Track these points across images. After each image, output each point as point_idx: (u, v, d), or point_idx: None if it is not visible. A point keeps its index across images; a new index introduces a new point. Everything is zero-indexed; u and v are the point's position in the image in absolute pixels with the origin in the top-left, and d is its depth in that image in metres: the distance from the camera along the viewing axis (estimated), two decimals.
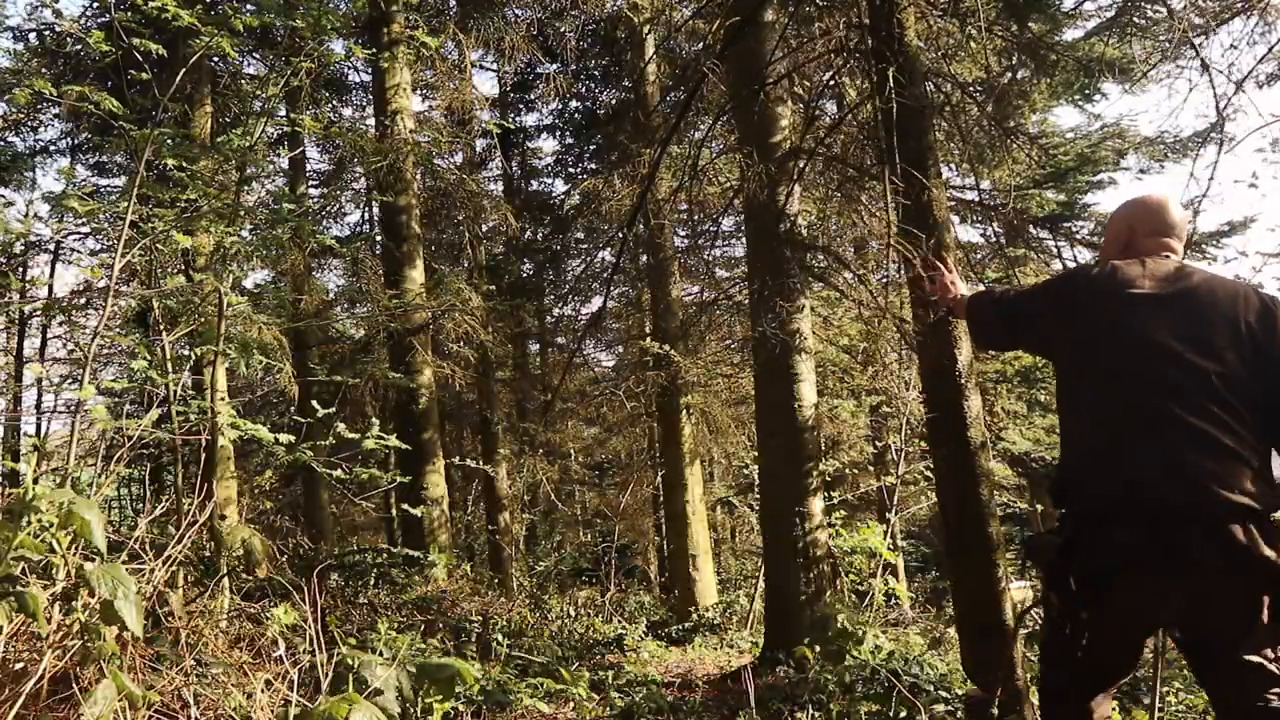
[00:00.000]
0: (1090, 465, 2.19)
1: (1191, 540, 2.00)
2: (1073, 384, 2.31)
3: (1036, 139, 6.80)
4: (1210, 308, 2.12)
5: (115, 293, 4.31)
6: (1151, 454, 2.06)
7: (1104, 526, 2.11)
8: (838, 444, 11.86)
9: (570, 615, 9.47)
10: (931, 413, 3.60)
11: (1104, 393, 2.19)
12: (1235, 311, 2.10)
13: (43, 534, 2.35)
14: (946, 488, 3.54)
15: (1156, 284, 2.19)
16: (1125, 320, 2.18)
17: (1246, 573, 1.98)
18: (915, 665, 5.02)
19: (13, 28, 9.50)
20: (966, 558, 3.38)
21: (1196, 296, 2.14)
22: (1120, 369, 2.16)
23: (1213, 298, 2.13)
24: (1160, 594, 2.05)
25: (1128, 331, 2.16)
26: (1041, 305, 2.45)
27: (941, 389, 3.46)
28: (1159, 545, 2.02)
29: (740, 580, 13.88)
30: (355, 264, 11.17)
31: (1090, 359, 2.24)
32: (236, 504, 7.47)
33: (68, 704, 2.33)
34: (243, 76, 9.61)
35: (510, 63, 10.96)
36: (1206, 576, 1.99)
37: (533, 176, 15.69)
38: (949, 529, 3.57)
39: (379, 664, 2.48)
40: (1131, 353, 2.15)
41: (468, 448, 16.18)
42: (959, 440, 3.36)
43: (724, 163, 7.88)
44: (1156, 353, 2.10)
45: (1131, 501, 2.07)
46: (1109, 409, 2.17)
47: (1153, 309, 2.15)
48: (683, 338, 10.86)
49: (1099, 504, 2.14)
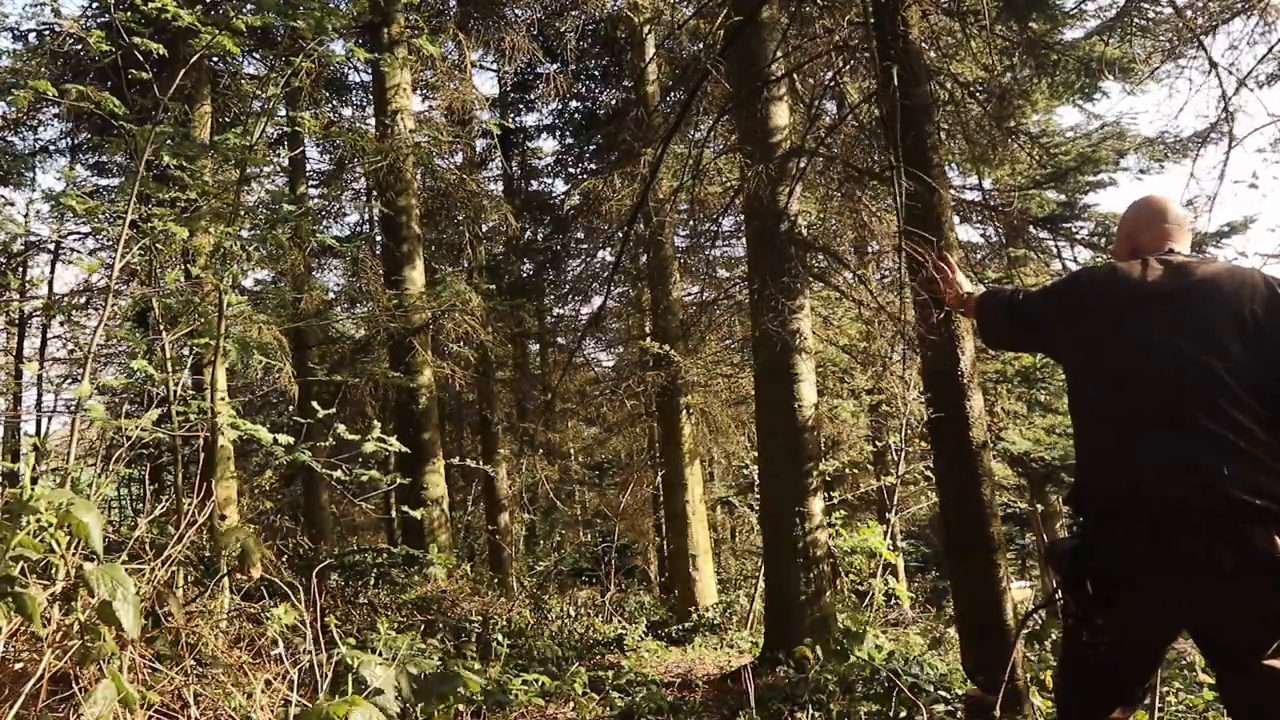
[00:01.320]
0: (1098, 467, 2.17)
1: (1206, 542, 1.94)
2: (1080, 387, 2.29)
3: (1037, 139, 6.79)
4: (1214, 301, 2.07)
5: (115, 292, 4.31)
6: (1157, 454, 2.03)
7: (1114, 528, 2.08)
8: (838, 444, 11.86)
9: (570, 615, 9.47)
10: (934, 412, 3.59)
11: (1110, 394, 2.16)
12: (1240, 301, 2.05)
13: (42, 534, 2.35)
14: (947, 487, 3.53)
15: (1159, 281, 2.15)
16: (1128, 320, 2.15)
17: (1264, 576, 1.92)
18: (915, 665, 5.02)
19: (12, 27, 9.48)
20: (967, 558, 3.38)
21: (1200, 291, 2.10)
22: (1125, 370, 2.13)
23: (1217, 290, 2.09)
24: (1175, 597, 2.01)
25: (1132, 331, 2.14)
26: (1048, 307, 2.42)
27: (944, 389, 3.45)
28: (1170, 547, 1.98)
29: (740, 580, 13.88)
30: (355, 264, 11.16)
31: (1095, 361, 2.22)
32: (236, 504, 7.46)
33: (68, 704, 2.33)
34: (243, 77, 9.60)
35: (510, 63, 10.95)
36: (1222, 580, 1.94)
37: (533, 176, 15.69)
38: (949, 529, 3.57)
39: (379, 664, 2.48)
40: (1136, 353, 2.12)
41: (468, 448, 16.17)
42: (961, 440, 3.35)
43: (724, 162, 7.88)
44: (1161, 352, 2.07)
45: (1137, 502, 2.04)
46: (1115, 410, 2.14)
47: (1156, 307, 2.12)
48: (683, 338, 10.86)
49: (1107, 504, 2.11)
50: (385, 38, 9.40)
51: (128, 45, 4.01)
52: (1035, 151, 6.57)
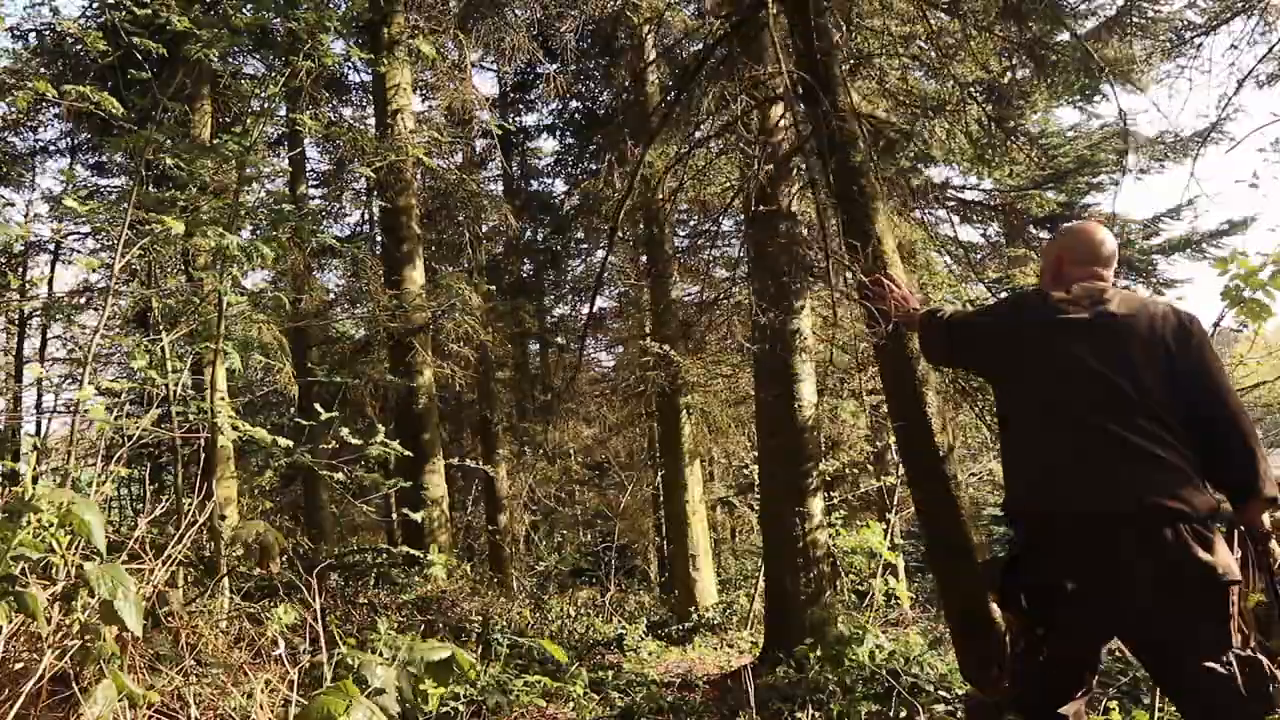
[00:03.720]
0: (1026, 484, 2.31)
1: (1124, 547, 2.06)
2: (1010, 407, 2.43)
3: (1037, 139, 6.80)
4: (1134, 331, 2.24)
5: (115, 293, 4.31)
6: (1082, 470, 2.16)
7: (1043, 543, 2.21)
8: (838, 444, 11.85)
9: (570, 615, 9.47)
10: (896, 422, 3.62)
11: (1037, 416, 2.30)
12: (1155, 331, 2.23)
13: (43, 534, 2.35)
14: (917, 494, 3.53)
15: (1082, 310, 2.30)
16: (1054, 346, 2.29)
17: (1184, 577, 2.03)
18: (915, 665, 5.02)
19: (12, 28, 9.47)
20: (947, 562, 3.36)
21: (1121, 321, 2.26)
22: (1050, 392, 2.27)
23: (1132, 319, 2.25)
24: (1104, 604, 2.12)
25: (1058, 357, 2.27)
26: (983, 330, 2.58)
27: (901, 397, 3.44)
28: (1096, 558, 2.10)
29: (740, 580, 13.86)
30: (355, 264, 11.16)
31: (1024, 383, 2.36)
32: (236, 504, 7.46)
33: (68, 704, 2.33)
34: (243, 77, 9.60)
35: (510, 63, 10.95)
36: (1145, 584, 2.05)
37: (533, 176, 15.69)
38: (926, 534, 3.56)
39: (379, 664, 2.48)
40: (1060, 376, 2.26)
41: (468, 448, 16.16)
42: (924, 447, 3.35)
43: (724, 162, 7.87)
44: (1083, 375, 2.22)
45: (1064, 516, 2.17)
46: (1042, 430, 2.28)
47: (1078, 334, 2.27)
48: (683, 338, 10.86)
49: (1037, 521, 2.25)
50: (385, 37, 9.40)
51: (127, 46, 4.02)
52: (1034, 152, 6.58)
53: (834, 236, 3.72)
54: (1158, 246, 12.86)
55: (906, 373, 3.37)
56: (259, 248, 4.13)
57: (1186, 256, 12.70)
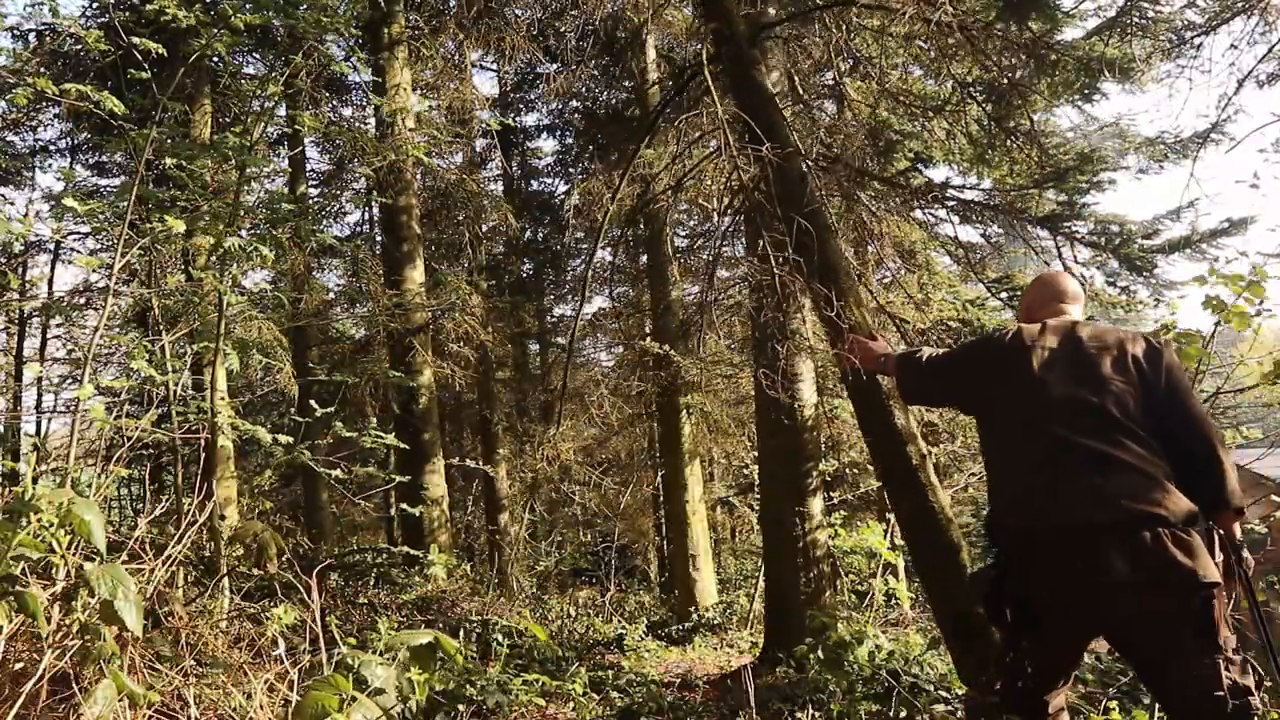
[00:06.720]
0: (1009, 501, 2.42)
1: (1104, 554, 2.14)
2: (992, 434, 2.57)
3: (1036, 139, 6.80)
4: (1098, 353, 2.41)
5: (115, 292, 4.31)
6: (1063, 486, 2.26)
7: (1026, 556, 2.32)
8: (838, 444, 11.85)
9: (570, 615, 9.47)
10: (866, 435, 3.65)
11: (1016, 438, 2.44)
12: (1123, 350, 2.40)
13: (43, 534, 2.35)
14: (896, 504, 3.53)
15: (1052, 341, 2.48)
16: (1028, 375, 2.44)
17: (1164, 580, 2.10)
18: (915, 665, 5.02)
19: (12, 27, 9.46)
20: (933, 568, 3.34)
21: (1085, 346, 2.44)
22: (1028, 416, 2.41)
23: (1100, 343, 2.43)
24: (1086, 614, 2.22)
25: (1032, 383, 2.42)
26: (960, 368, 2.75)
27: (869, 409, 3.46)
28: (1076, 567, 2.18)
29: (740, 580, 13.86)
30: (355, 264, 11.17)
31: (1003, 411, 2.51)
32: (236, 504, 7.46)
33: (68, 704, 2.33)
34: (243, 77, 9.59)
35: (510, 63, 10.95)
36: (1126, 590, 2.12)
37: (533, 176, 15.68)
38: (909, 542, 3.55)
39: (379, 664, 2.48)
40: (1036, 401, 2.40)
41: (468, 448, 16.17)
42: (898, 457, 3.35)
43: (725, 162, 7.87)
44: (1056, 397, 2.37)
45: (1045, 530, 2.27)
46: (1021, 451, 2.41)
47: (1050, 362, 2.44)
48: (683, 338, 10.86)
49: (1019, 536, 2.35)
50: (386, 37, 9.40)
51: (127, 45, 4.01)
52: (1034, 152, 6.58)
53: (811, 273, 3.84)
54: (1158, 247, 12.85)
55: (873, 385, 3.40)
56: (259, 248, 4.13)
57: (1186, 257, 12.68)
